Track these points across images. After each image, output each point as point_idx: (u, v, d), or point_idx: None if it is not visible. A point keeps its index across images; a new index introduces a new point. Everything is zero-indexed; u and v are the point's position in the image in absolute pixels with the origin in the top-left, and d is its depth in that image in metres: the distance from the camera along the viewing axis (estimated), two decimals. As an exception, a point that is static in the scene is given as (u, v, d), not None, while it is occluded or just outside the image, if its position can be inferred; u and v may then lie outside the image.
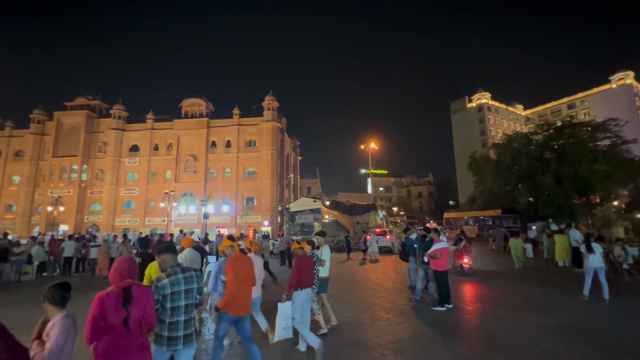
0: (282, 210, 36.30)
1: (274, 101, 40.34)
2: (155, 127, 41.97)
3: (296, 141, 53.84)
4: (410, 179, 77.70)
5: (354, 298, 7.84)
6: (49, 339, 1.89)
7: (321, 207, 25.28)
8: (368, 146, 31.91)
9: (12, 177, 42.37)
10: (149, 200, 40.30)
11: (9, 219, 40.43)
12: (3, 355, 1.49)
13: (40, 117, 42.53)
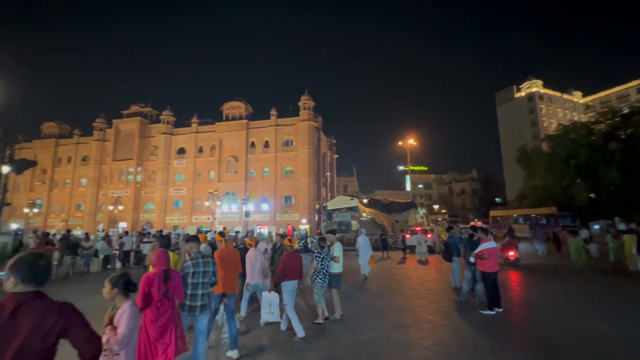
0: (320, 209, 36.65)
1: (310, 100, 40.76)
2: (199, 130, 44.50)
3: (332, 139, 53.92)
4: (452, 176, 74.03)
5: (395, 298, 7.69)
6: (121, 325, 2.13)
7: (358, 205, 25.08)
8: (406, 142, 31.02)
9: (80, 180, 47.50)
10: (195, 200, 42.88)
11: (79, 217, 45.42)
12: (83, 343, 1.65)
13: (102, 125, 47.15)
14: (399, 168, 40.91)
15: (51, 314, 1.60)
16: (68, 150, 48.88)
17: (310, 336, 5.00)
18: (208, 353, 4.08)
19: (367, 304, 7.19)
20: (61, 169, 48.63)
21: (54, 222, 45.42)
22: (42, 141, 49.77)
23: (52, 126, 50.73)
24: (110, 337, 2.07)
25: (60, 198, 47.81)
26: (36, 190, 48.29)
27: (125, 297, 2.29)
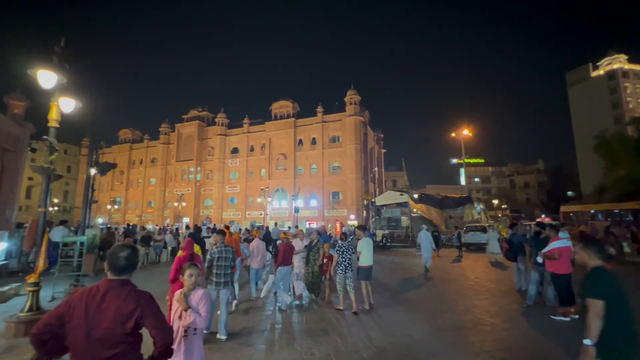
0: (368, 204, 36.23)
1: (356, 95, 40.30)
2: (250, 130, 46.75)
3: (380, 134, 52.73)
4: (514, 168, 67.50)
5: (451, 298, 7.30)
6: (203, 307, 2.46)
7: (409, 200, 24.24)
8: (460, 133, 29.11)
9: (150, 179, 53.07)
10: (248, 196, 45.27)
11: (150, 213, 50.85)
12: (155, 331, 1.74)
13: (166, 129, 51.99)
14: (452, 161, 38.73)
15: (131, 300, 1.74)
16: (140, 153, 54.86)
17: (357, 331, 4.99)
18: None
19: (419, 302, 6.94)
20: (135, 170, 54.78)
21: (131, 217, 51.42)
22: (120, 146, 56.52)
23: (126, 132, 57.38)
24: (196, 318, 2.37)
25: (135, 196, 53.96)
26: (116, 189, 55.13)
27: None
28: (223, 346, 4.51)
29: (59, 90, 5.38)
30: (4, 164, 10.08)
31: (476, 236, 18.05)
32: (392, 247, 21.16)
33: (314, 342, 4.67)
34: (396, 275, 10.75)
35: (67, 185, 58.08)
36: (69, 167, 58.36)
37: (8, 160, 10.19)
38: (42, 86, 5.17)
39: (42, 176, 5.35)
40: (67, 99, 5.54)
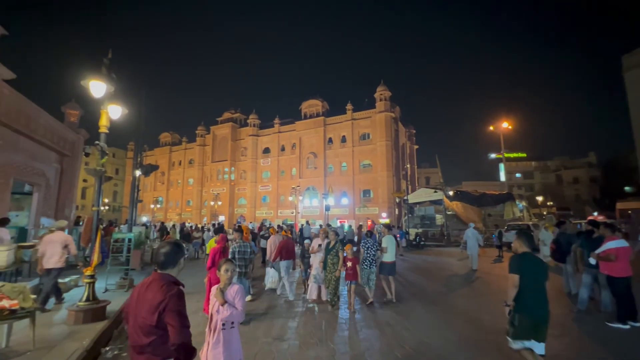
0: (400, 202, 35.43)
1: (386, 91, 39.48)
2: (281, 130, 47.58)
3: (412, 129, 51.25)
4: (560, 161, 62.29)
5: (491, 300, 6.95)
6: (239, 301, 2.55)
7: (443, 198, 23.37)
8: (499, 127, 27.49)
9: (188, 179, 55.95)
10: (279, 195, 46.17)
11: (188, 211, 53.63)
12: (171, 328, 1.83)
13: (202, 131, 54.46)
14: (491, 156, 36.53)
15: (161, 294, 1.85)
16: (179, 155, 58.01)
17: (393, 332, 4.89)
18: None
19: (456, 304, 6.67)
20: (174, 171, 58.02)
21: (172, 216, 54.59)
22: (160, 149, 60.14)
23: (166, 136, 60.93)
24: (233, 312, 2.48)
25: (175, 195, 57.18)
26: (158, 189, 58.77)
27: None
28: (258, 340, 4.66)
29: (108, 98, 5.83)
30: (63, 167, 11.14)
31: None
32: (426, 246, 20.54)
33: (346, 340, 4.67)
34: (432, 275, 10.42)
35: (116, 186, 62.86)
36: (117, 169, 63.09)
37: (66, 164, 11.24)
38: (93, 95, 5.64)
39: (95, 178, 5.84)
40: (115, 106, 5.98)
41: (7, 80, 7.10)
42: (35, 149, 9.29)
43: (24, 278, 7.53)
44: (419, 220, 26.75)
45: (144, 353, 1.84)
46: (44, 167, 9.92)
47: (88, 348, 4.05)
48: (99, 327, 4.83)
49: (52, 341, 4.24)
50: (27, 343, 4.01)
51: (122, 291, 7.34)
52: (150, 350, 1.83)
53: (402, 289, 8.09)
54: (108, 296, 6.46)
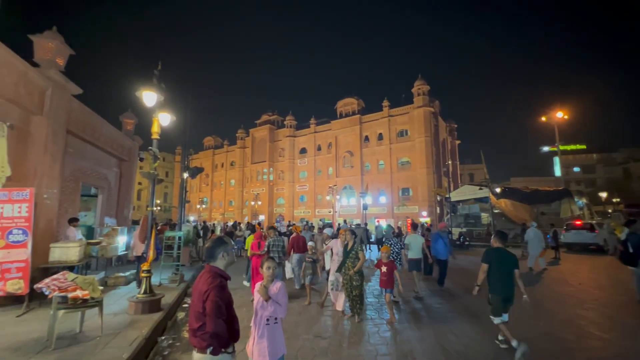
0: (442, 200, 33.96)
1: (424, 85, 38.00)
2: (317, 130, 47.98)
3: (452, 124, 48.74)
4: (628, 153, 55.22)
5: (547, 305, 6.40)
6: (282, 297, 2.64)
7: (489, 195, 21.96)
8: (553, 117, 25.19)
9: (230, 181, 58.66)
10: (317, 194, 46.60)
11: (231, 211, 56.21)
12: (206, 316, 2.01)
13: (242, 134, 56.75)
14: (544, 149, 33.54)
15: (206, 284, 2.08)
16: (221, 157, 61.06)
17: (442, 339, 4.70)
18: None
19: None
20: (217, 173, 61.15)
21: (216, 215, 57.60)
22: (204, 152, 63.72)
23: (209, 140, 64.42)
24: (276, 308, 2.58)
25: (218, 196, 60.26)
26: (203, 191, 62.36)
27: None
28: (299, 337, 4.75)
29: (158, 106, 6.31)
30: (122, 171, 12.26)
31: (580, 235, 15.45)
32: (471, 245, 19.47)
33: (388, 341, 4.59)
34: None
35: (166, 188, 67.80)
36: (167, 172, 68.00)
37: (124, 168, 12.36)
38: (146, 104, 6.15)
39: (149, 180, 6.36)
40: (164, 113, 6.45)
41: (75, 95, 7.98)
42: (99, 155, 10.33)
43: (92, 271, 8.41)
44: (462, 219, 25.43)
45: (195, 336, 2.06)
46: (107, 171, 10.99)
47: (146, 336, 4.43)
48: (155, 317, 5.25)
49: (116, 328, 4.70)
50: (96, 329, 4.49)
51: (174, 285, 7.90)
52: (199, 335, 2.03)
53: (444, 291, 7.76)
54: (162, 290, 6.99)
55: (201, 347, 2.03)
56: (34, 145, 6.64)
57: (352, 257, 5.59)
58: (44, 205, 6.58)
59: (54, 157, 6.97)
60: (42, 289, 4.28)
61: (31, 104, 6.50)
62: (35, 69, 6.53)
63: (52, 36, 6.98)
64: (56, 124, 7.08)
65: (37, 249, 5.90)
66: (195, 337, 2.05)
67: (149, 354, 4.25)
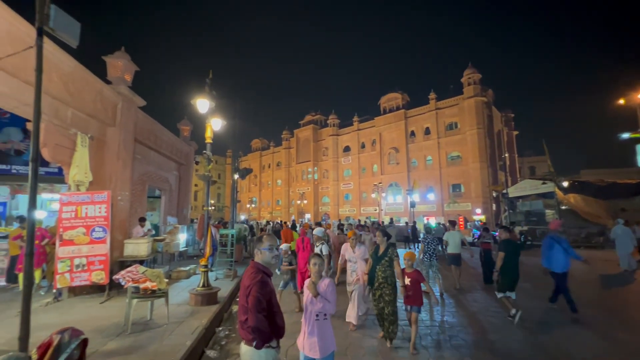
0: (498, 196, 31.55)
1: (475, 73, 35.46)
2: (360, 127, 47.51)
3: (509, 113, 44.76)
4: None
5: (631, 314, 5.59)
6: (330, 294, 2.67)
7: (555, 190, 19.85)
8: (635, 98, 21.85)
9: (277, 181, 60.74)
10: (361, 192, 46.17)
11: (278, 210, 58.19)
12: (248, 311, 2.10)
13: (287, 135, 58.42)
14: (622, 136, 29.29)
15: (249, 279, 2.20)
16: (268, 158, 63.50)
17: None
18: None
19: (584, 314, 5.58)
20: (265, 173, 63.70)
21: (264, 214, 60.06)
22: (252, 154, 66.80)
23: (257, 142, 67.36)
24: (324, 304, 2.62)
25: (266, 196, 62.76)
26: (252, 191, 65.41)
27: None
28: (349, 334, 4.75)
29: (210, 113, 6.76)
30: (180, 174, 13.37)
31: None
32: (533, 245, 17.74)
33: (440, 344, 4.39)
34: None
35: (219, 189, 72.30)
36: (219, 174, 72.48)
37: (182, 171, 13.47)
38: (200, 111, 6.62)
39: (204, 182, 6.85)
40: (216, 119, 6.88)
41: (140, 106, 8.88)
42: (161, 160, 11.38)
43: (158, 265, 9.31)
44: (522, 216, 23.29)
45: (242, 329, 2.20)
46: (168, 175, 12.07)
47: (206, 326, 4.78)
48: (213, 309, 5.64)
49: (180, 317, 5.14)
50: (163, 317, 4.96)
51: (228, 280, 8.41)
52: (245, 327, 2.15)
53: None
54: (218, 284, 7.48)
55: (247, 339, 2.14)
56: (109, 153, 7.53)
57: (384, 265, 4.49)
58: (118, 206, 7.43)
59: (125, 163, 7.84)
60: (119, 279, 4.85)
61: (106, 117, 7.38)
62: (109, 86, 7.39)
63: (121, 56, 7.84)
64: (126, 134, 7.94)
65: (113, 245, 6.69)
66: (243, 329, 2.17)
67: (208, 343, 4.58)
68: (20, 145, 9.79)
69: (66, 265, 5.95)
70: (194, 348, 4.05)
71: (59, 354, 1.75)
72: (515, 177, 40.59)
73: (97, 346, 3.89)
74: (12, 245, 6.99)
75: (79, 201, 6.21)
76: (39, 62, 2.50)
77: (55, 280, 5.90)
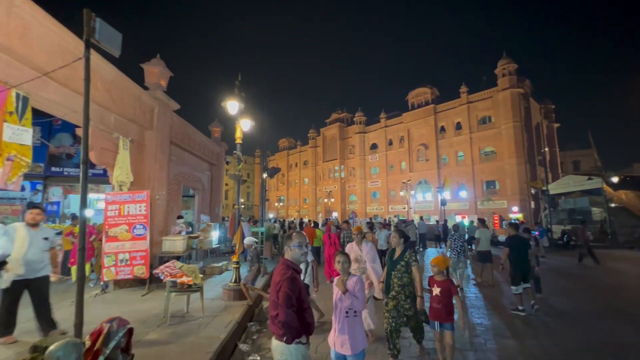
0: (537, 193, 29.70)
1: (511, 63, 33.49)
2: (387, 124, 46.64)
3: (549, 105, 41.75)
4: None
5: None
6: (359, 291, 2.68)
7: (602, 186, 18.36)
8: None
9: (304, 179, 61.31)
10: (389, 190, 45.38)
11: (306, 208, 58.74)
12: (278, 306, 2.14)
13: (313, 134, 58.75)
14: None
15: (279, 275, 2.25)
16: (295, 157, 64.26)
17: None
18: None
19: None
20: (292, 172, 64.53)
21: (292, 212, 60.88)
22: (280, 153, 67.90)
23: (284, 141, 68.41)
24: (353, 300, 2.63)
25: (293, 194, 63.58)
26: (280, 189, 66.54)
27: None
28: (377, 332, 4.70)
29: (240, 114, 6.96)
30: (212, 174, 13.90)
31: None
32: (577, 246, 16.49)
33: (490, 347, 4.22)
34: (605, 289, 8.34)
35: (248, 188, 74.26)
36: (248, 173, 74.43)
37: (214, 171, 13.99)
38: (230, 113, 6.84)
39: (234, 181, 7.07)
40: (245, 120, 7.07)
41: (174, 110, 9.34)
42: (195, 161, 11.90)
43: (193, 261, 9.75)
44: (565, 214, 21.78)
45: (273, 324, 2.24)
46: (201, 175, 12.60)
47: (238, 321, 4.95)
48: (245, 304, 5.82)
49: (214, 311, 5.36)
50: (198, 311, 5.20)
51: (259, 276, 8.63)
52: (276, 322, 2.19)
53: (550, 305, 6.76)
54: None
55: (277, 334, 2.19)
56: (147, 155, 8.00)
57: (400, 271, 3.72)
58: (156, 205, 7.87)
59: (161, 164, 8.28)
60: (159, 274, 5.15)
61: (144, 121, 7.83)
62: (146, 92, 7.83)
63: (157, 63, 8.28)
64: (162, 137, 8.39)
65: (152, 241, 7.10)
66: (273, 324, 2.22)
67: (241, 337, 4.74)
68: (71, 149, 10.67)
69: (112, 259, 6.41)
70: (227, 341, 4.21)
71: (108, 341, 1.90)
72: (556, 173, 37.97)
73: (140, 335, 4.16)
74: (65, 240, 7.64)
75: (121, 200, 6.66)
76: (87, 72, 2.71)
77: (103, 274, 6.38)
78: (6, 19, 4.14)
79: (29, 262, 3.86)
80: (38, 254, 3.97)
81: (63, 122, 9.53)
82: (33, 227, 4.06)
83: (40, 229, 4.13)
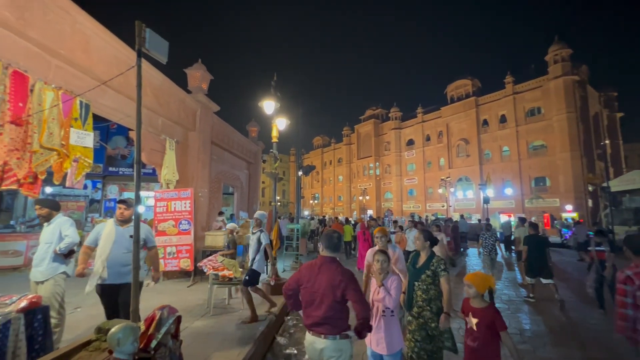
0: (595, 191, 27.02)
1: (564, 49, 30.55)
2: (424, 119, 44.97)
3: (611, 92, 37.43)
4: None
5: None
6: (394, 289, 2.64)
7: (678, 182, 16.17)
8: None
9: (338, 177, 61.29)
10: (427, 187, 43.81)
11: (340, 206, 58.73)
12: (355, 304, 2.10)
13: (347, 131, 58.43)
14: None
15: (338, 274, 2.17)
16: (329, 155, 64.44)
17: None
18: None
19: None
20: (327, 170, 64.80)
21: (326, 210, 61.19)
22: (314, 151, 68.49)
23: (318, 139, 68.87)
24: (386, 296, 2.61)
25: (328, 192, 63.85)
26: (314, 187, 67.18)
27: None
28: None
29: (275, 113, 7.13)
30: (250, 172, 14.41)
31: None
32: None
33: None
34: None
35: (284, 186, 75.91)
36: (284, 171, 75.98)
37: (252, 169, 14.49)
38: (266, 112, 7.04)
39: (271, 179, 7.27)
40: (281, 119, 7.23)
41: (215, 111, 9.81)
42: (233, 160, 12.42)
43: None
44: (631, 214, 19.53)
45: (324, 325, 2.14)
46: (239, 173, 13.12)
47: (277, 314, 5.10)
48: (282, 299, 5.98)
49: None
50: (238, 303, 5.44)
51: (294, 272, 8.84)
52: (331, 322, 2.14)
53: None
54: (286, 275, 7.90)
55: (336, 332, 2.13)
56: (191, 155, 8.49)
57: (426, 282, 2.93)
58: (199, 202, 8.34)
59: (204, 163, 8.75)
60: (202, 267, 5.46)
61: (188, 123, 8.32)
62: (189, 95, 8.31)
63: (199, 67, 8.74)
64: (204, 137, 8.85)
65: (196, 236, 7.54)
66: (324, 325, 2.12)
67: (278, 330, 4.89)
68: (125, 150, 11.66)
69: (160, 252, 6.92)
70: (266, 334, 4.36)
71: (160, 326, 2.07)
72: (619, 168, 34.18)
73: (187, 323, 4.46)
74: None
75: (169, 197, 7.16)
76: (139, 79, 2.94)
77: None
78: (71, 35, 4.62)
79: (112, 264, 3.40)
80: (122, 255, 3.45)
81: (118, 126, 10.44)
82: (122, 223, 3.61)
83: (129, 226, 3.56)
